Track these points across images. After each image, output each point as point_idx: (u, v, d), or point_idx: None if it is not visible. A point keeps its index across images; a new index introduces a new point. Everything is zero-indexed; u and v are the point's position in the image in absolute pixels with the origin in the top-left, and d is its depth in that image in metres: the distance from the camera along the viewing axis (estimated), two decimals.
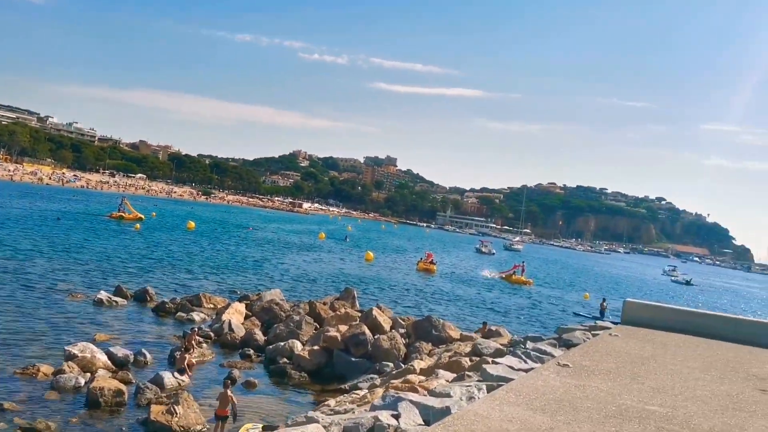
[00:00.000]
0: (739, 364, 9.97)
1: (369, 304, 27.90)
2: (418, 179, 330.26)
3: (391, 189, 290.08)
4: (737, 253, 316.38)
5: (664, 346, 10.91)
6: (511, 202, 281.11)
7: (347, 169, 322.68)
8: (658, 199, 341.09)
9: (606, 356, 9.28)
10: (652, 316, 13.30)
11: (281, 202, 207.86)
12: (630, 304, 13.60)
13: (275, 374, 17.45)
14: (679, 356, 10.07)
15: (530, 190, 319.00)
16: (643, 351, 10.16)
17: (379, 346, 17.88)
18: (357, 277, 43.26)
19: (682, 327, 12.97)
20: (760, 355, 11.18)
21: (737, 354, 11.00)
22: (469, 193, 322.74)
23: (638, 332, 12.30)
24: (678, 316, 13.23)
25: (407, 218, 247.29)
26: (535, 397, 6.36)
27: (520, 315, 34.72)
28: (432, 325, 18.77)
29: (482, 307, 35.32)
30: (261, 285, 31.77)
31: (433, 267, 58.22)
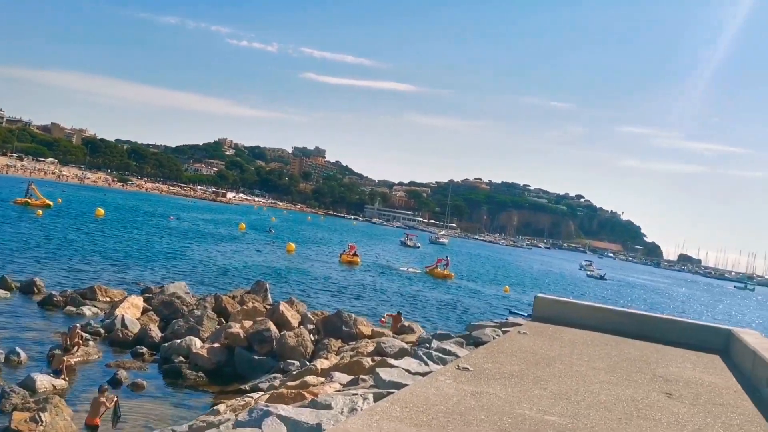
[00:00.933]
0: (645, 364, 9.59)
1: (285, 297, 26.76)
2: (347, 171, 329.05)
3: (319, 180, 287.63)
4: (648, 250, 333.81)
5: (571, 345, 10.43)
6: (438, 197, 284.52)
7: (274, 159, 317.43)
8: (577, 197, 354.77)
9: (510, 357, 8.64)
10: (562, 312, 12.91)
11: (204, 191, 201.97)
12: (540, 300, 13.16)
13: (169, 375, 16.09)
14: (585, 356, 9.58)
15: (457, 185, 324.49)
16: (550, 350, 9.61)
17: (284, 344, 16.85)
18: (275, 270, 41.89)
19: (591, 323, 12.63)
20: (666, 354, 10.89)
21: (644, 353, 10.67)
22: (397, 186, 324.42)
23: (547, 329, 11.83)
24: (587, 312, 12.88)
25: (335, 210, 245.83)
26: (423, 409, 5.54)
27: (441, 310, 34.44)
28: (342, 321, 17.88)
29: (402, 302, 34.81)
30: (169, 278, 29.94)
31: (357, 259, 57.47)
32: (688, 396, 7.71)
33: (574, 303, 13.26)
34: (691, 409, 7.06)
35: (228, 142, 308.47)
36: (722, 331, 12.23)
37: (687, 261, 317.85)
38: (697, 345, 12.05)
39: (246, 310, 19.97)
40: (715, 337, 12.19)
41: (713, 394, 8.03)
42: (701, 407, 7.19)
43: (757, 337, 11.25)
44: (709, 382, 8.79)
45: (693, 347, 11.90)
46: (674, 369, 9.53)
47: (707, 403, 7.48)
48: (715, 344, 12.08)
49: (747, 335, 11.23)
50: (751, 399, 7.99)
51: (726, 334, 12.07)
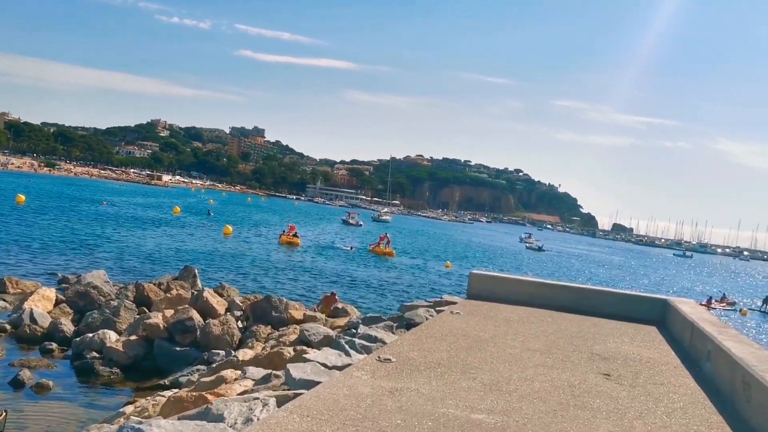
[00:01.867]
0: (582, 341, 9.05)
1: (217, 283, 25.52)
2: (288, 151, 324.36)
3: (258, 161, 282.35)
4: (584, 221, 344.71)
5: (506, 324, 9.82)
6: (381, 174, 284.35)
7: (212, 139, 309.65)
8: (516, 171, 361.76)
9: (440, 342, 7.90)
10: (498, 288, 12.33)
11: (138, 175, 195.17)
12: (475, 277, 12.54)
13: (81, 372, 14.76)
14: (520, 335, 8.96)
15: (399, 162, 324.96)
16: (483, 332, 8.95)
17: (208, 333, 15.74)
18: (210, 254, 40.30)
19: (527, 299, 12.11)
20: (603, 328, 10.44)
21: (581, 328, 10.17)
22: (339, 165, 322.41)
23: (482, 307, 11.21)
24: (523, 287, 12.35)
25: (276, 191, 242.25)
26: (327, 417, 4.69)
27: (381, 289, 33.79)
28: (271, 306, 16.86)
29: (342, 282, 33.98)
30: (91, 266, 28.06)
31: (297, 240, 56.27)
32: (627, 376, 7.17)
33: (509, 278, 12.70)
34: (631, 391, 6.49)
35: (162, 123, 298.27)
36: (658, 302, 11.92)
37: (620, 230, 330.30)
38: (634, 316, 11.71)
39: (170, 298, 18.65)
40: (651, 308, 11.87)
41: (653, 372, 7.53)
42: (641, 389, 6.64)
43: (692, 306, 10.96)
44: (647, 358, 8.32)
45: (630, 319, 11.54)
46: (612, 345, 9.04)
47: (647, 383, 6.95)
48: (651, 315, 11.77)
49: (683, 305, 10.91)
50: (692, 376, 7.53)
51: (662, 304, 11.76)
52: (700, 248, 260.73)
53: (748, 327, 37.32)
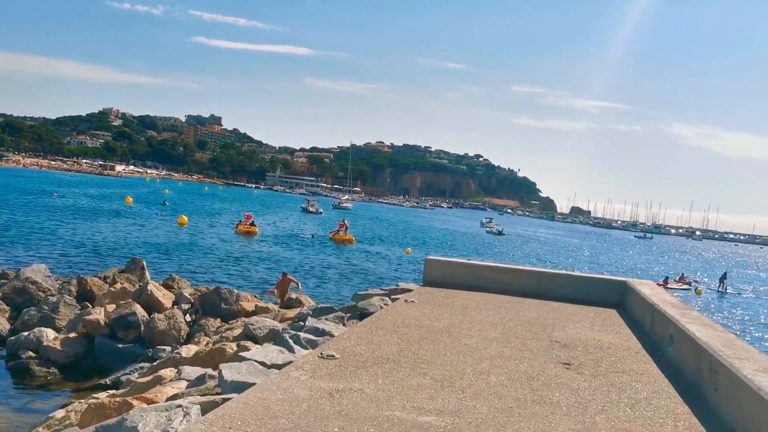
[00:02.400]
0: (541, 328, 8.65)
1: (167, 275, 24.52)
2: (246, 139, 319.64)
3: (216, 149, 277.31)
4: (543, 204, 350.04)
5: (463, 312, 9.35)
6: (341, 161, 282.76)
7: (167, 128, 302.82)
8: (476, 156, 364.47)
9: (391, 334, 7.37)
10: (455, 274, 11.87)
11: (90, 165, 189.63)
12: (431, 263, 12.04)
13: (15, 374, 13.85)
14: (477, 324, 8.50)
15: (359, 148, 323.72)
16: (438, 321, 8.45)
17: (153, 328, 14.95)
18: (163, 245, 39.02)
19: (485, 284, 11.69)
20: (562, 313, 10.07)
21: (540, 313, 9.78)
22: (299, 152, 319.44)
23: (438, 295, 10.73)
24: (481, 272, 11.92)
25: (234, 179, 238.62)
26: (255, 427, 4.09)
27: (340, 277, 33.19)
28: (221, 298, 16.12)
29: (300, 271, 33.23)
30: (32, 261, 26.66)
31: (254, 229, 55.18)
32: (588, 364, 6.76)
33: (466, 263, 12.25)
34: (593, 382, 6.07)
35: (114, 111, 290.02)
36: (617, 284, 11.64)
37: (578, 213, 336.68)
38: (593, 300, 11.41)
39: (114, 293, 17.68)
40: (610, 291, 11.58)
41: (614, 359, 7.15)
42: (603, 378, 6.23)
43: (652, 287, 10.68)
44: (608, 344, 7.95)
45: (590, 302, 11.24)
46: (572, 330, 8.66)
47: (609, 371, 6.55)
48: (611, 298, 11.48)
49: (642, 286, 10.63)
50: (655, 362, 7.18)
51: (621, 286, 11.48)
52: (655, 229, 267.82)
53: (704, 306, 38.06)
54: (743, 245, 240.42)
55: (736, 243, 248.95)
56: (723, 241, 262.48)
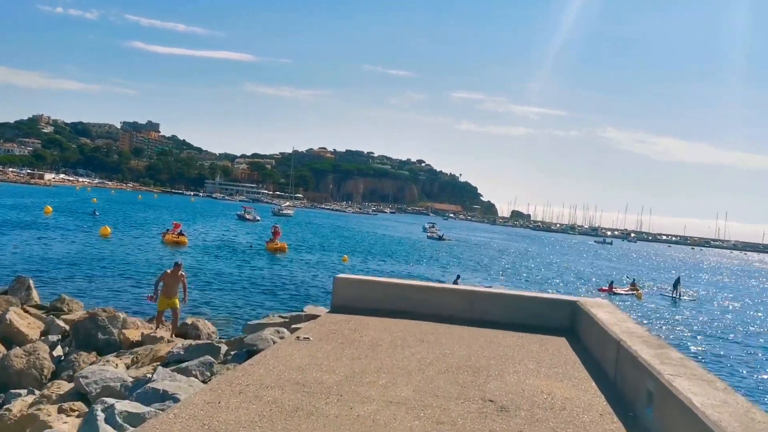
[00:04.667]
0: (472, 375, 6.42)
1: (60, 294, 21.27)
2: (185, 146, 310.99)
3: (152, 156, 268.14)
4: (485, 209, 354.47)
5: (371, 352, 7.04)
6: (283, 168, 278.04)
7: (101, 135, 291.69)
8: (419, 161, 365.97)
9: (251, 402, 4.97)
10: (369, 295, 9.61)
11: (16, 174, 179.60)
12: (341, 282, 9.73)
13: None
14: (386, 372, 6.20)
15: (301, 155, 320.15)
16: (332, 370, 6.11)
17: (8, 367, 12.00)
18: (72, 260, 35.25)
19: (407, 307, 9.46)
20: (500, 346, 7.90)
21: (472, 350, 7.57)
22: (240, 159, 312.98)
23: (345, 325, 8.39)
24: (401, 292, 9.67)
25: (173, 187, 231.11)
26: None
27: (265, 291, 30.37)
28: (98, 326, 13.30)
29: (220, 286, 30.28)
30: None
31: (183, 239, 51.62)
32: None
33: (384, 282, 9.97)
34: None
35: (44, 118, 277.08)
36: (566, 305, 9.58)
37: (519, 217, 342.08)
38: (537, 325, 9.33)
39: None
40: (558, 312, 9.54)
41: (574, 430, 4.97)
42: None
43: (610, 310, 8.64)
44: (562, 401, 5.78)
45: (533, 328, 9.15)
46: (512, 378, 6.47)
47: None
48: (559, 321, 9.43)
49: (598, 309, 8.58)
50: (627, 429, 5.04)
51: (571, 307, 9.43)
52: (592, 232, 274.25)
53: (645, 311, 37.11)
54: (675, 246, 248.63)
55: (668, 244, 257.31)
56: (656, 242, 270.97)
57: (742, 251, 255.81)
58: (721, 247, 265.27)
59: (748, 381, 20.89)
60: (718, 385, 4.84)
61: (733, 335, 30.95)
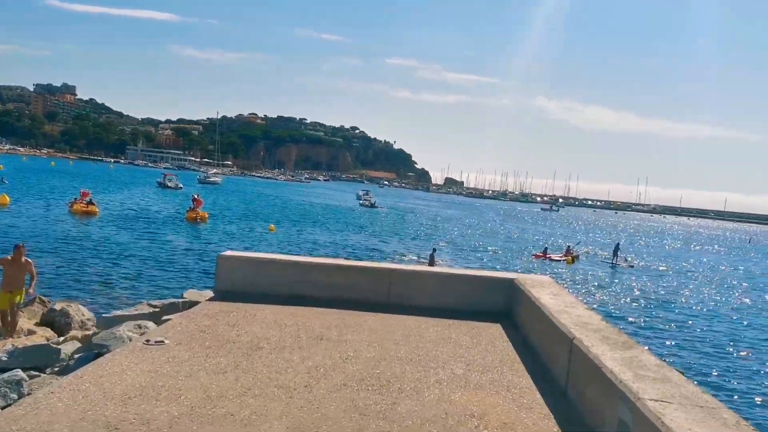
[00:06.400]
0: (378, 388, 4.72)
1: None
2: (104, 110, 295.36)
3: (68, 121, 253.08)
4: (419, 176, 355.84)
5: (246, 359, 5.19)
6: (211, 134, 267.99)
7: (12, 99, 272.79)
8: (352, 128, 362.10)
9: None
10: (262, 278, 7.75)
11: None
12: (226, 261, 7.82)
13: None
14: (255, 394, 4.41)
15: (230, 120, 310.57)
16: (176, 398, 4.25)
17: None
18: None
19: (310, 290, 7.67)
20: (420, 340, 6.22)
21: (384, 348, 5.86)
22: (164, 124, 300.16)
23: (221, 319, 6.50)
24: (303, 272, 7.85)
25: (91, 154, 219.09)
26: None
27: (179, 266, 27.80)
28: None
29: (128, 262, 27.52)
30: None
31: (93, 209, 47.73)
32: None
33: (281, 260, 8.07)
34: None
35: None
36: (502, 283, 7.98)
37: (452, 184, 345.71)
38: (468, 309, 7.73)
39: None
40: (492, 293, 7.94)
41: None
42: None
43: (554, 290, 7.08)
44: (499, 427, 4.13)
45: (463, 314, 7.54)
46: (432, 393, 4.78)
47: None
48: (493, 303, 7.86)
49: (540, 290, 7.01)
50: None
51: (507, 286, 7.85)
52: (522, 198, 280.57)
53: (587, 279, 36.87)
54: (600, 210, 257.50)
55: (594, 209, 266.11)
56: (582, 207, 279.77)
57: (661, 214, 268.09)
58: (642, 211, 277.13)
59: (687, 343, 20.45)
60: (727, 418, 3.28)
61: (674, 301, 30.90)
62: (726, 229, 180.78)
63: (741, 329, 24.79)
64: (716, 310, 29.36)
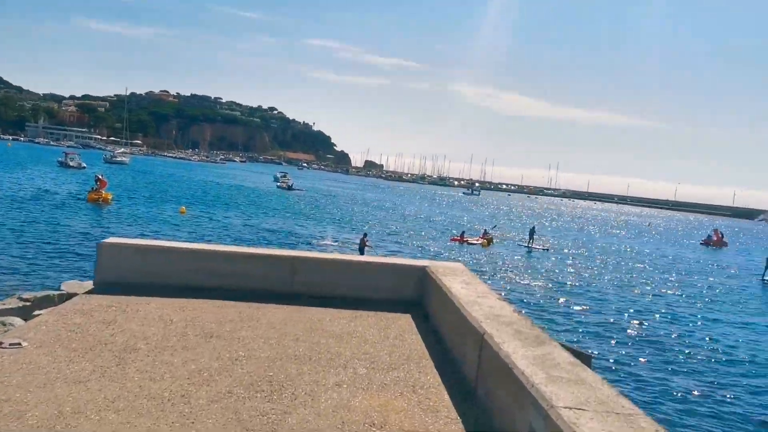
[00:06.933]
0: (270, 401, 4.24)
1: None
2: (2, 84, 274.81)
3: None
4: (338, 159, 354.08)
5: (117, 363, 4.52)
6: (119, 111, 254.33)
7: None
8: (270, 109, 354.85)
9: None
10: (150, 268, 7.00)
11: None
12: (110, 249, 7.00)
13: None
14: (120, 408, 3.80)
15: (140, 97, 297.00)
16: (21, 414, 3.50)
17: None
18: None
19: (206, 280, 6.99)
20: (320, 340, 5.73)
21: (281, 345, 5.33)
22: (68, 101, 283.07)
23: (97, 315, 5.75)
24: (198, 261, 7.16)
25: None
26: None
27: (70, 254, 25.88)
28: None
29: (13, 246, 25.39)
30: None
31: None
32: None
33: (173, 248, 7.31)
34: None
35: None
36: (413, 271, 7.58)
37: (372, 167, 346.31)
38: (377, 298, 7.30)
39: None
40: (403, 281, 7.54)
41: None
42: None
43: (466, 279, 6.76)
44: None
45: (372, 304, 7.11)
46: (330, 398, 4.29)
47: None
48: (404, 292, 7.47)
49: (452, 278, 6.67)
50: None
51: (420, 274, 7.47)
52: (440, 181, 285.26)
53: (493, 260, 37.51)
54: (514, 194, 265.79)
55: (508, 193, 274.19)
56: (497, 191, 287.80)
57: (570, 199, 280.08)
58: (552, 195, 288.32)
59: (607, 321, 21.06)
60: (645, 426, 2.97)
61: (588, 284, 31.89)
62: (629, 214, 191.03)
63: (648, 306, 25.92)
64: (627, 290, 30.64)
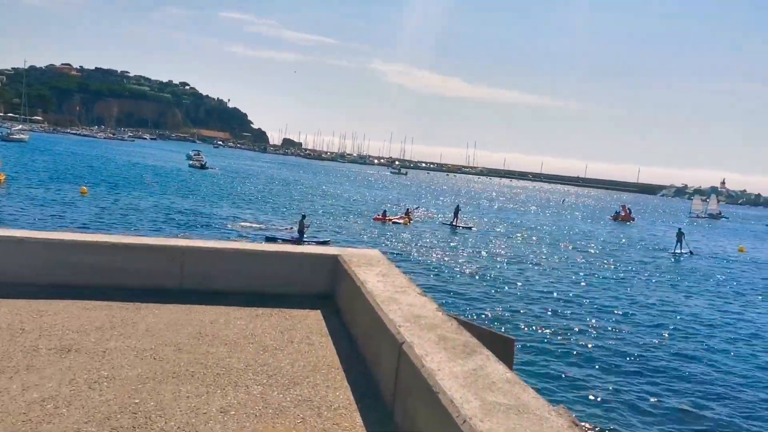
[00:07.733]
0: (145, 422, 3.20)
1: None
2: None
3: None
4: (255, 137, 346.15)
5: None
6: (17, 85, 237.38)
7: None
8: (182, 84, 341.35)
9: None
10: (14, 261, 5.82)
11: None
12: None
13: None
14: None
15: (39, 71, 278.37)
16: None
17: None
18: None
19: (76, 277, 5.90)
20: (208, 349, 4.83)
21: (157, 356, 4.42)
22: None
23: None
24: (69, 254, 6.03)
25: None
26: None
27: None
28: None
29: None
30: None
31: None
32: None
33: (43, 239, 6.06)
34: None
35: None
36: (325, 260, 6.74)
37: (290, 145, 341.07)
38: (285, 292, 6.43)
39: None
40: (315, 272, 6.68)
41: None
42: None
43: (383, 270, 5.98)
44: None
45: (278, 299, 6.23)
46: (226, 424, 3.40)
47: None
48: (315, 284, 6.62)
49: (367, 269, 5.88)
50: None
51: (331, 265, 6.63)
52: (360, 160, 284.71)
53: (418, 240, 37.25)
54: (433, 173, 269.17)
55: (428, 172, 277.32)
56: (417, 169, 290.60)
57: (488, 176, 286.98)
58: (471, 173, 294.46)
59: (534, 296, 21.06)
60: None
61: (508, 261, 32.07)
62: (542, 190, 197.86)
63: (567, 285, 26.35)
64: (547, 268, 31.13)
